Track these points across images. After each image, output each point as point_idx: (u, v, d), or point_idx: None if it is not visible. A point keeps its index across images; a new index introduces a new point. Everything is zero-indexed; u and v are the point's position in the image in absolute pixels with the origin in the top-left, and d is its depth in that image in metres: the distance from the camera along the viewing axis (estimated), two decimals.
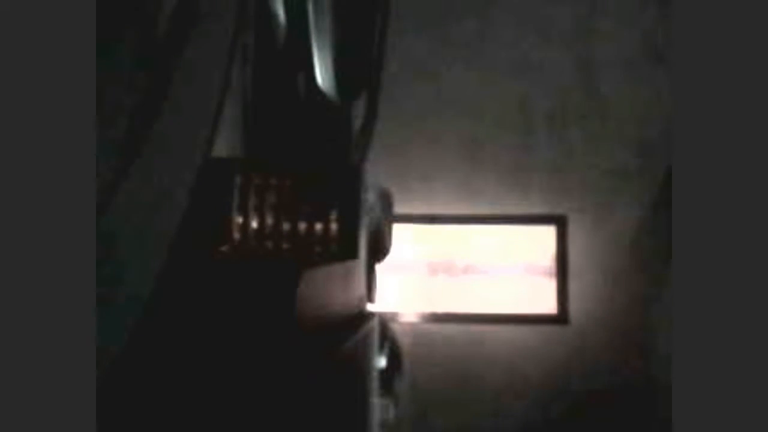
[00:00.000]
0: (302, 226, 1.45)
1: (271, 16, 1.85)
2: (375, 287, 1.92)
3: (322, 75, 1.80)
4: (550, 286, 4.15)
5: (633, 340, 4.10)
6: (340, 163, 1.63)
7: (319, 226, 1.46)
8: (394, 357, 1.97)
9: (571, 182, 4.19)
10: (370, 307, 1.84)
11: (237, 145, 1.86)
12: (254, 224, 1.45)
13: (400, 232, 4.13)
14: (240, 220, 1.44)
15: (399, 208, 3.80)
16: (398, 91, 4.08)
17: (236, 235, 1.44)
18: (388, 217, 1.86)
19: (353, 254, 1.46)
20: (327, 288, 1.35)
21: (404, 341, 3.81)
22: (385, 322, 2.01)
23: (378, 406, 1.55)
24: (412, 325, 4.13)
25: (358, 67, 1.99)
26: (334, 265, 1.37)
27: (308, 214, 1.45)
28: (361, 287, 1.51)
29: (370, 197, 1.60)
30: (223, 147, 1.79)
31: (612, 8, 4.25)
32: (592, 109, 4.21)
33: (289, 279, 1.24)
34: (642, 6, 4.23)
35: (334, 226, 1.46)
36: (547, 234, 4.18)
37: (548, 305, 4.14)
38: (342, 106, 1.93)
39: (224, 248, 1.44)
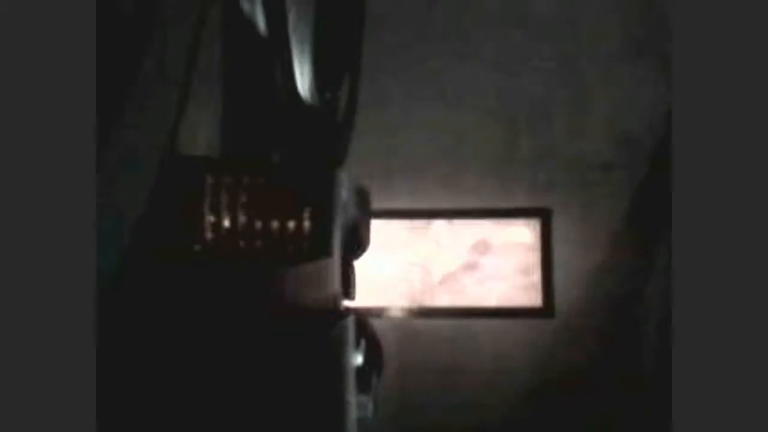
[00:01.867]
0: (275, 224, 1.45)
1: (246, 15, 1.85)
2: (354, 284, 1.91)
3: (298, 74, 1.80)
4: (535, 280, 4.16)
5: (618, 333, 4.11)
6: (313, 161, 1.63)
7: (291, 225, 1.46)
8: (373, 354, 1.97)
9: (556, 175, 4.19)
10: (350, 304, 1.84)
11: (217, 144, 1.85)
12: (226, 223, 1.44)
13: (383, 227, 4.13)
14: (212, 219, 1.44)
15: (382, 203, 3.80)
16: (380, 85, 4.07)
17: (209, 235, 1.44)
18: (365, 213, 1.85)
19: (326, 252, 1.45)
20: (297, 287, 1.35)
21: (390, 336, 3.81)
22: (362, 319, 2.00)
23: (355, 404, 1.55)
24: (398, 319, 4.14)
25: (334, 65, 1.99)
26: (305, 264, 1.37)
27: (281, 212, 1.45)
28: (335, 285, 1.51)
29: (345, 195, 1.60)
30: (203, 146, 1.78)
31: (595, 2, 4.25)
32: (575, 102, 4.21)
33: (257, 279, 1.24)
34: None
35: (306, 225, 1.46)
36: (532, 227, 4.19)
37: (533, 298, 4.14)
38: (320, 104, 1.93)
39: (197, 247, 1.44)
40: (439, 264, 4.20)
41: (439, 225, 4.22)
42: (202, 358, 1.28)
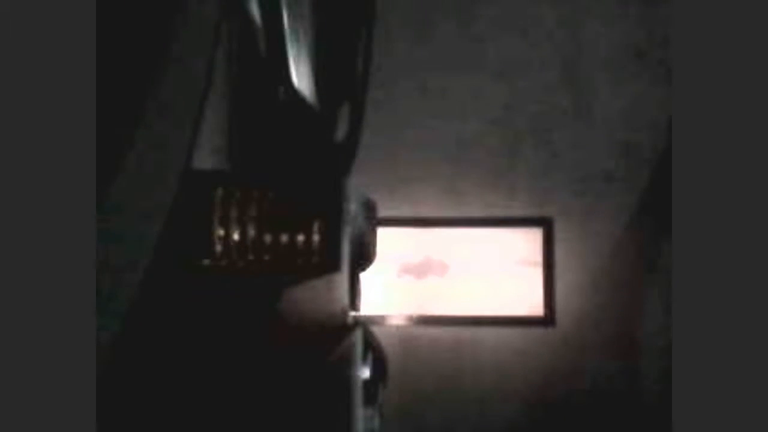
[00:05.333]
0: (284, 238, 1.45)
1: (252, 24, 1.85)
2: (359, 295, 1.91)
3: (303, 81, 1.80)
4: (537, 289, 4.16)
5: (619, 342, 4.11)
6: (322, 173, 1.62)
7: (300, 238, 1.45)
8: (379, 367, 1.97)
9: (557, 184, 4.20)
10: (354, 314, 1.84)
11: (223, 157, 1.85)
12: (236, 237, 1.44)
13: (386, 235, 4.13)
14: (221, 232, 1.44)
15: (385, 212, 3.80)
16: (382, 93, 4.08)
17: (218, 248, 1.43)
18: (372, 226, 1.85)
19: (336, 266, 1.45)
20: (307, 301, 1.34)
21: (391, 344, 3.81)
22: (369, 331, 2.00)
23: (362, 417, 1.55)
24: (399, 328, 4.13)
25: (339, 75, 1.99)
26: (315, 278, 1.36)
27: (290, 226, 1.45)
28: (343, 299, 1.51)
29: (353, 207, 1.60)
30: (209, 158, 1.78)
31: (596, 9, 4.26)
32: (577, 111, 4.22)
33: (266, 293, 1.24)
34: (626, 7, 4.24)
35: (316, 238, 1.45)
36: (533, 236, 4.19)
37: (535, 307, 4.14)
38: (325, 115, 1.92)
39: (206, 261, 1.43)
40: (440, 272, 4.20)
41: (440, 233, 4.22)
42: (210, 372, 1.28)
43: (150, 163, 1.35)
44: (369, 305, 3.90)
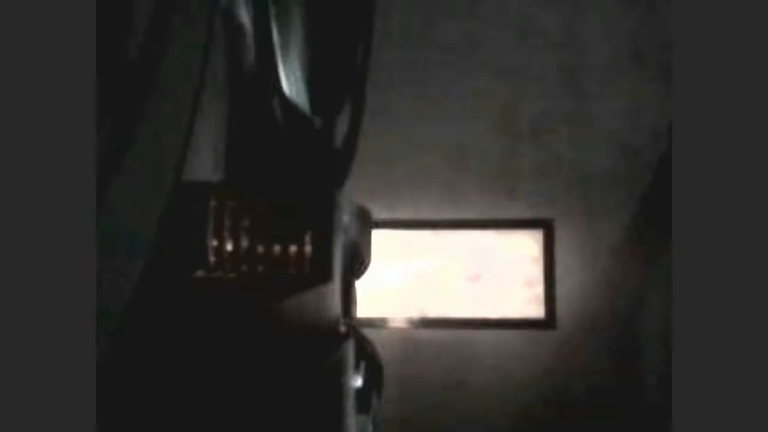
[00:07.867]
0: (276, 249, 1.47)
1: (242, 33, 1.87)
2: (354, 303, 1.93)
3: (294, 92, 1.81)
4: (538, 291, 4.17)
5: (620, 344, 4.12)
6: (315, 184, 1.64)
7: (293, 249, 1.47)
8: (373, 375, 1.99)
9: (558, 187, 4.21)
10: (348, 322, 1.85)
11: (217, 168, 1.86)
12: (229, 247, 1.46)
13: (386, 237, 4.15)
14: (215, 243, 1.46)
15: (385, 214, 3.82)
16: (383, 96, 4.09)
17: (211, 259, 1.45)
18: (366, 234, 1.87)
19: (328, 277, 1.47)
20: (298, 311, 1.37)
21: (392, 347, 3.83)
22: (364, 339, 2.02)
23: (355, 426, 1.57)
24: (400, 330, 4.15)
25: (333, 83, 2.00)
26: (306, 288, 1.38)
27: (282, 236, 1.47)
28: (335, 308, 1.52)
29: (346, 217, 1.61)
30: (201, 170, 1.80)
31: (597, 12, 4.27)
32: (577, 113, 4.23)
33: (259, 303, 1.26)
34: (626, 10, 4.24)
35: (308, 249, 1.47)
36: (534, 238, 4.20)
37: (535, 310, 4.15)
38: (320, 124, 1.94)
39: (199, 273, 1.46)
40: (441, 275, 4.21)
41: (442, 236, 4.23)
42: (202, 380, 1.30)
43: (145, 175, 1.37)
44: (370, 308, 3.91)
